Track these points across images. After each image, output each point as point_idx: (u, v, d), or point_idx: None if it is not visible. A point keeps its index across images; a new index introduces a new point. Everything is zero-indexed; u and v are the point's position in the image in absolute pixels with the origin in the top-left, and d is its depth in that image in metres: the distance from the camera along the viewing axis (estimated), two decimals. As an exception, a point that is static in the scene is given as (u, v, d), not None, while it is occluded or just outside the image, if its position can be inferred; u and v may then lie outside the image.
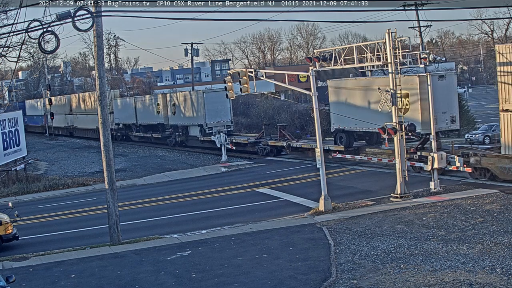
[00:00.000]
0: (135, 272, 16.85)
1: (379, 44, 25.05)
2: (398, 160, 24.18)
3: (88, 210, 28.19)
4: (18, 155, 39.08)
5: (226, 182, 32.66)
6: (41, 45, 18.31)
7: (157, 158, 47.81)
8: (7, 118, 37.55)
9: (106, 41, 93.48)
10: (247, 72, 26.26)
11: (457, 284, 13.68)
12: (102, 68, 21.10)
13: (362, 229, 19.62)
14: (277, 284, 14.83)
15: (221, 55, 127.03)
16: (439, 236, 17.99)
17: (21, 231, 22.65)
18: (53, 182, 36.40)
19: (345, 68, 27.29)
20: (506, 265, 14.78)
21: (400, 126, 24.09)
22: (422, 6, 48.21)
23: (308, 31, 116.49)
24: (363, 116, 29.56)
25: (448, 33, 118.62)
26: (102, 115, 20.98)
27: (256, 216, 23.65)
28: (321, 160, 23.60)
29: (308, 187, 28.50)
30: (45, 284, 16.41)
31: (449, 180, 26.62)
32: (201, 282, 15.46)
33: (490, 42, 64.04)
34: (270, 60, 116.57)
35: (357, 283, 14.45)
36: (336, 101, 33.51)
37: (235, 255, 17.83)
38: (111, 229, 20.86)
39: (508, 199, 22.09)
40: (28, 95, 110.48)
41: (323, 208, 23.09)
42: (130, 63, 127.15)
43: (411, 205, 22.65)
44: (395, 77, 24.32)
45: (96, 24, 19.61)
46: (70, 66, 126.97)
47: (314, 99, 24.11)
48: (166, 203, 28.34)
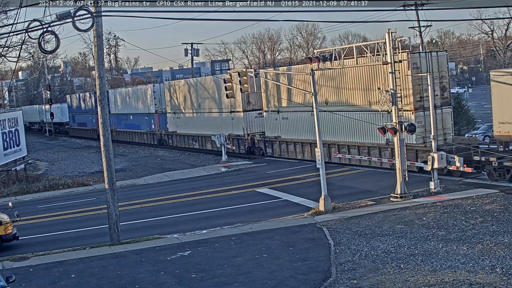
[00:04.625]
0: (135, 272, 16.85)
1: (379, 44, 25.06)
2: (398, 160, 24.18)
3: (88, 210, 28.19)
4: (18, 155, 39.12)
5: (226, 182, 32.66)
6: (41, 45, 18.31)
7: (157, 158, 47.84)
8: (7, 118, 37.59)
9: (106, 41, 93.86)
10: (247, 72, 26.27)
11: (457, 284, 13.69)
12: (102, 68, 21.11)
13: (362, 229, 19.62)
14: (277, 284, 14.83)
15: (221, 55, 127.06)
16: (439, 236, 17.99)
17: (21, 231, 22.65)
18: (53, 182, 36.42)
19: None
20: (506, 265, 14.78)
21: (400, 126, 24.08)
22: (422, 6, 48.16)
23: (308, 31, 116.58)
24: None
25: (448, 33, 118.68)
26: (102, 115, 20.99)
27: (256, 216, 23.65)
28: (321, 160, 23.59)
29: (308, 187, 28.49)
30: (45, 284, 16.42)
31: (449, 180, 26.62)
32: (201, 282, 15.47)
33: (490, 42, 64.02)
34: (270, 60, 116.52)
35: (357, 283, 14.45)
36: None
37: (235, 255, 17.83)
38: (111, 229, 20.86)
39: (508, 199, 22.09)
40: (28, 95, 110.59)
41: (323, 208, 23.09)
42: (130, 63, 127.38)
43: (411, 205, 22.64)
44: (395, 77, 24.34)
45: (96, 24, 19.61)
46: (70, 66, 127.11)
47: (314, 99, 24.12)
48: (166, 203, 28.34)
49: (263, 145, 41.10)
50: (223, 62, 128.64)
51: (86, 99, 72.37)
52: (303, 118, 36.09)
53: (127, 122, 61.71)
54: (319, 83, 32.52)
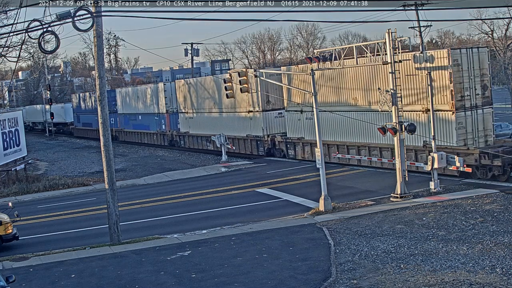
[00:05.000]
0: (135, 272, 16.85)
1: (379, 44, 25.07)
2: (398, 160, 24.18)
3: (88, 210, 28.19)
4: (18, 155, 39.13)
5: (226, 182, 32.66)
6: (41, 45, 18.30)
7: (157, 158, 47.86)
8: (7, 118, 37.61)
9: (106, 41, 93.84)
10: (247, 72, 26.27)
11: (457, 284, 13.69)
12: (102, 68, 21.12)
13: (362, 229, 19.62)
14: (277, 284, 14.83)
15: (221, 55, 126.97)
16: (439, 236, 17.99)
17: (21, 231, 22.65)
18: (53, 182, 36.42)
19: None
20: (506, 265, 14.78)
21: (400, 126, 24.08)
22: (422, 6, 48.19)
23: (308, 31, 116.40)
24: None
25: (448, 33, 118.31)
26: (102, 115, 20.99)
27: (256, 216, 23.65)
28: (321, 160, 23.60)
29: (308, 187, 28.49)
30: (45, 284, 16.42)
31: (449, 180, 26.62)
32: (201, 282, 15.47)
33: (490, 42, 63.95)
34: (270, 60, 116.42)
35: (357, 283, 14.45)
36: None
37: (235, 255, 17.83)
38: (111, 229, 20.86)
39: (508, 199, 22.09)
40: (28, 95, 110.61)
41: (323, 208, 23.09)
42: (130, 63, 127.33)
43: (411, 205, 22.64)
44: (395, 77, 24.34)
45: (96, 24, 19.61)
46: (70, 66, 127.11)
47: (314, 99, 24.12)
48: (166, 203, 28.34)
49: (284, 146, 39.08)
50: (223, 62, 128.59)
51: (91, 98, 70.51)
52: (330, 119, 33.41)
53: (135, 122, 59.58)
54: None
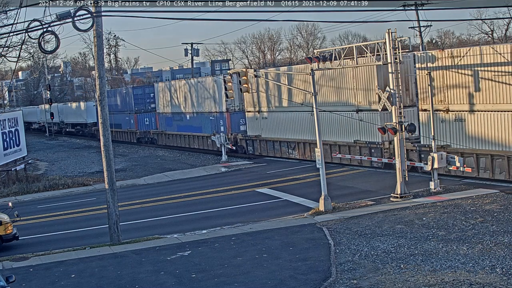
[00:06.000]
0: (135, 272, 16.85)
1: (379, 44, 25.07)
2: (398, 160, 24.18)
3: (88, 210, 28.20)
4: (18, 155, 39.15)
5: (226, 182, 32.66)
6: (41, 45, 18.30)
7: (157, 158, 47.86)
8: (7, 118, 37.63)
9: (106, 41, 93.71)
10: (247, 72, 26.26)
11: (457, 284, 13.68)
12: (102, 68, 21.11)
13: (362, 229, 19.62)
14: (277, 284, 14.83)
15: (221, 55, 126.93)
16: (439, 236, 17.99)
17: (21, 231, 22.65)
18: (53, 182, 36.45)
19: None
20: (506, 265, 14.77)
21: (400, 126, 24.09)
22: (422, 6, 48.23)
23: (308, 31, 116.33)
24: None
25: (448, 33, 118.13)
26: (102, 115, 20.99)
27: (256, 216, 23.65)
28: (321, 160, 23.59)
29: (308, 187, 28.49)
30: (45, 284, 16.42)
31: (449, 180, 26.62)
32: (201, 282, 15.46)
33: (490, 42, 64.04)
34: (270, 60, 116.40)
35: (357, 283, 14.45)
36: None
37: (235, 255, 17.83)
38: (111, 229, 20.86)
39: (508, 199, 22.09)
40: (28, 95, 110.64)
41: (323, 208, 23.09)
42: (130, 63, 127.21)
43: (411, 205, 22.64)
44: (395, 77, 24.34)
45: (96, 24, 19.61)
46: (70, 66, 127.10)
47: (314, 99, 24.12)
48: (166, 203, 28.35)
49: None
50: (223, 62, 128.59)
51: (121, 95, 61.45)
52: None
53: (181, 123, 50.99)
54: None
